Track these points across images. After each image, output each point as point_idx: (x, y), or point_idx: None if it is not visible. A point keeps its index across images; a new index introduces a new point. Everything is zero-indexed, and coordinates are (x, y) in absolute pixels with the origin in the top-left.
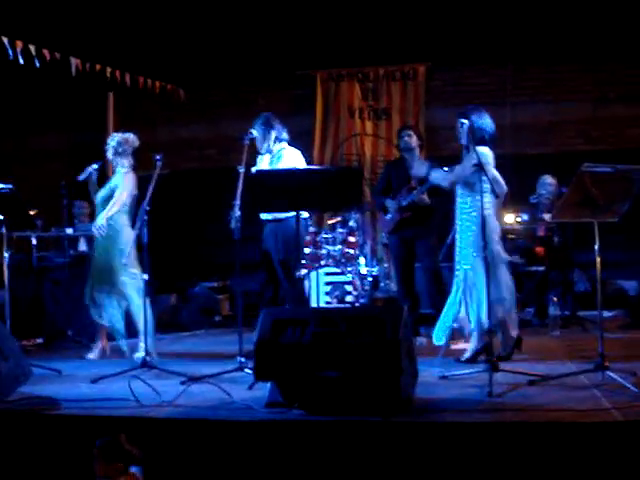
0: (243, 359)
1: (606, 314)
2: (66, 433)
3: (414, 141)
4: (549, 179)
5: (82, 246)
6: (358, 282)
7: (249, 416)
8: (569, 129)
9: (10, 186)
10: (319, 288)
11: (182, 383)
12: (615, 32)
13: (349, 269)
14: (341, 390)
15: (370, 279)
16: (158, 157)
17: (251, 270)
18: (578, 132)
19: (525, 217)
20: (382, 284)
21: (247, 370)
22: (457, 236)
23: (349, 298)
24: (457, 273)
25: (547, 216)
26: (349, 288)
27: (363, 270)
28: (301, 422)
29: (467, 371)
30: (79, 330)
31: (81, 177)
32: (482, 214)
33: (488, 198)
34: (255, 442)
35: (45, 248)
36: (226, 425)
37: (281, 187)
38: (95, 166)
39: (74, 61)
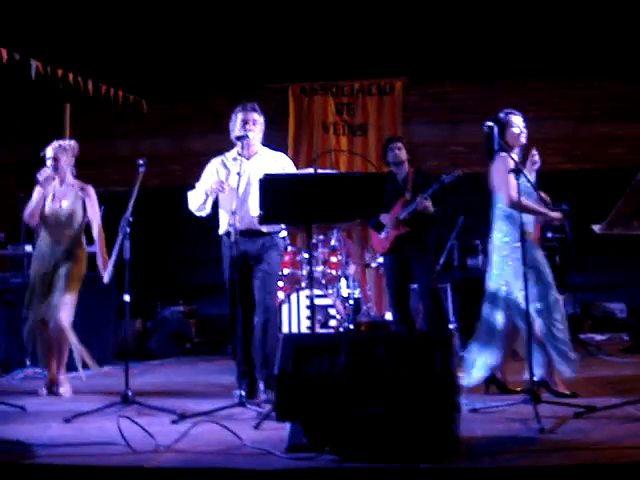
0: (242, 392)
1: (599, 337)
2: None
3: (404, 154)
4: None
5: None
6: (340, 305)
7: (269, 464)
8: (550, 147)
9: None
10: (300, 312)
11: (173, 422)
12: (597, 49)
13: (330, 291)
14: (382, 430)
15: (352, 302)
16: (141, 161)
17: (216, 292)
18: (559, 150)
19: None
20: (363, 307)
21: (249, 406)
22: None
23: (332, 322)
24: None
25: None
26: (332, 312)
27: (344, 292)
28: (335, 470)
29: (500, 403)
30: (36, 359)
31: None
32: None
33: None
34: None
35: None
36: (243, 475)
37: (295, 195)
38: None
39: (34, 64)
